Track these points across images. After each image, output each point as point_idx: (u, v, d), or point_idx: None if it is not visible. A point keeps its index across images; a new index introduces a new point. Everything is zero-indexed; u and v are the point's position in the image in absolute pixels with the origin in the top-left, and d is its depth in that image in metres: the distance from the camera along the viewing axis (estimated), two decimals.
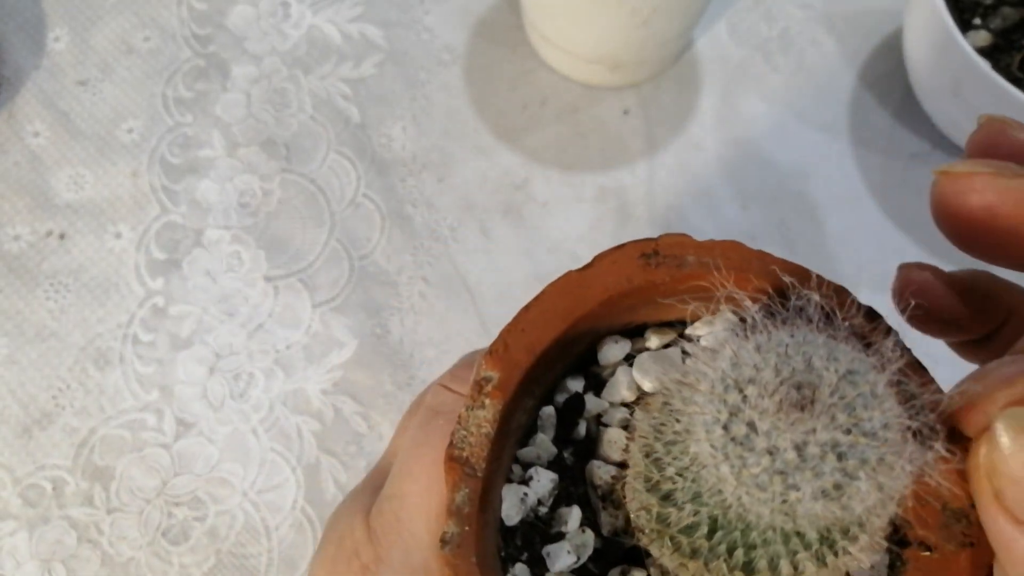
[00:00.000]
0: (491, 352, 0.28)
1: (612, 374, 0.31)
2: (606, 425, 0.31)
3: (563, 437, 0.31)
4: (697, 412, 0.22)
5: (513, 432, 0.29)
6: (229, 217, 0.53)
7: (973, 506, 0.25)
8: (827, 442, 0.20)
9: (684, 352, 0.31)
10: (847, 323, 0.23)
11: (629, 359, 0.32)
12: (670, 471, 0.24)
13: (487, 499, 0.27)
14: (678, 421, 0.23)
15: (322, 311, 0.51)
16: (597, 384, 0.32)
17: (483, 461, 0.27)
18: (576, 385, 0.31)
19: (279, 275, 0.52)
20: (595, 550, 0.29)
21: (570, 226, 0.54)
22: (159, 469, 0.48)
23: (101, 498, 0.47)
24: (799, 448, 0.20)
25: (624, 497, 0.29)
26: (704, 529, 0.23)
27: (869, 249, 0.54)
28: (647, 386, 0.30)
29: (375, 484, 0.36)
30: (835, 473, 0.20)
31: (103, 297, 0.51)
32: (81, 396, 0.49)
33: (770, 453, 0.20)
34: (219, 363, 0.50)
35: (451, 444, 0.27)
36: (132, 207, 0.53)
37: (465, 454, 0.27)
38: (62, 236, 0.53)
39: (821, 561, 0.23)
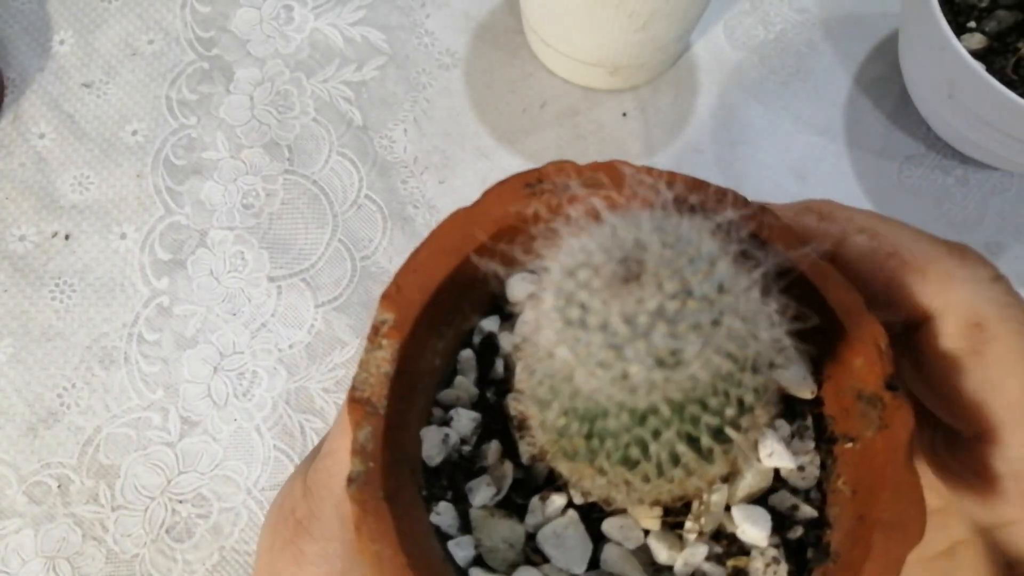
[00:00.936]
0: (385, 295, 0.28)
1: (523, 309, 0.31)
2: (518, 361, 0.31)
3: (485, 377, 0.31)
4: (541, 307, 0.22)
5: (425, 374, 0.29)
6: (233, 218, 0.54)
7: (887, 387, 0.25)
8: (655, 310, 0.19)
9: None
10: (706, 210, 0.23)
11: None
12: (537, 377, 0.24)
13: (391, 437, 0.27)
14: (532, 331, 0.23)
15: (324, 311, 0.52)
16: (512, 321, 0.32)
17: (384, 399, 0.27)
18: (491, 325, 0.32)
19: (282, 275, 0.52)
20: (516, 480, 0.29)
21: None
22: (163, 467, 0.48)
23: (106, 496, 0.48)
24: (629, 320, 0.19)
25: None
26: (574, 426, 0.23)
27: None
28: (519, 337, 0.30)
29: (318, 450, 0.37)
30: (666, 339, 0.19)
31: (108, 297, 0.52)
32: (86, 395, 0.50)
33: (602, 329, 0.20)
34: (223, 362, 0.50)
35: (352, 387, 0.27)
36: (137, 208, 0.54)
37: (366, 395, 0.27)
38: (67, 237, 0.53)
39: (692, 435, 0.22)
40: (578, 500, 0.29)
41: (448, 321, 0.30)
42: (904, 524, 0.25)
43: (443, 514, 0.28)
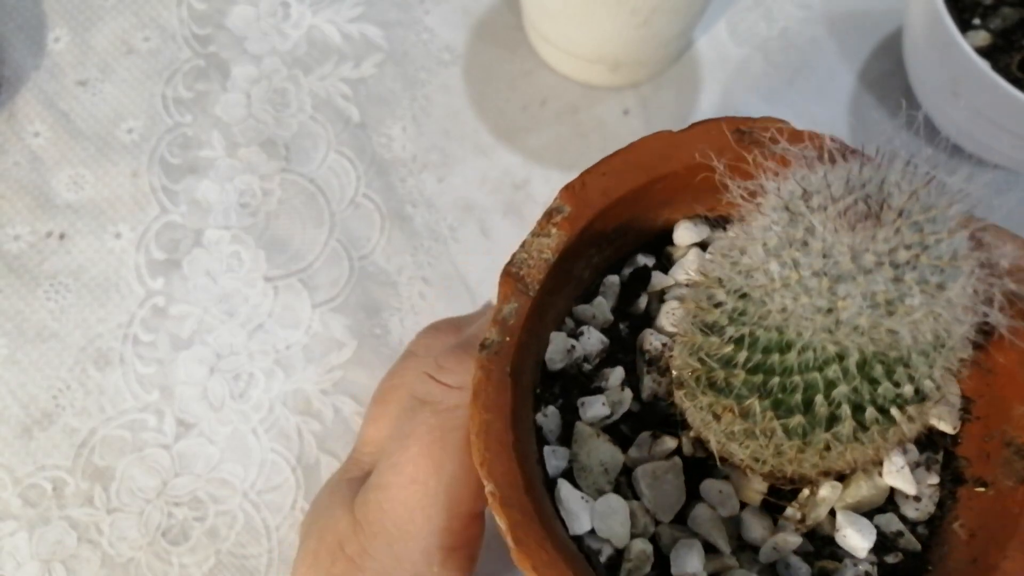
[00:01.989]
0: (568, 187, 0.28)
1: (684, 255, 0.31)
2: (666, 301, 0.30)
3: (623, 309, 0.31)
4: (757, 223, 0.20)
5: (573, 280, 0.29)
6: (229, 217, 0.53)
7: None
8: (885, 252, 0.18)
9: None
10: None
11: (704, 246, 0.31)
12: (719, 295, 0.22)
13: (532, 321, 0.27)
14: (736, 248, 0.21)
15: (322, 311, 0.51)
16: (668, 266, 0.32)
17: (537, 283, 0.27)
18: (646, 260, 0.31)
19: (279, 275, 0.52)
20: (631, 412, 0.29)
21: None
22: (159, 469, 0.48)
23: (101, 498, 0.47)
24: (855, 254, 0.18)
25: (670, 363, 0.28)
26: (744, 353, 0.21)
27: None
28: (702, 267, 0.29)
29: (351, 475, 0.36)
30: (888, 284, 0.18)
31: (103, 297, 0.51)
32: (81, 396, 0.49)
33: (824, 256, 0.19)
34: (219, 363, 0.50)
35: (510, 262, 0.27)
36: (132, 207, 0.53)
37: (521, 272, 0.27)
38: (62, 236, 0.53)
39: (859, 402, 0.20)
40: (687, 450, 0.28)
41: (610, 239, 0.30)
42: None
43: (549, 417, 0.28)
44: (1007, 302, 0.19)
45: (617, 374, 0.29)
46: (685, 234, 0.31)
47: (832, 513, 0.28)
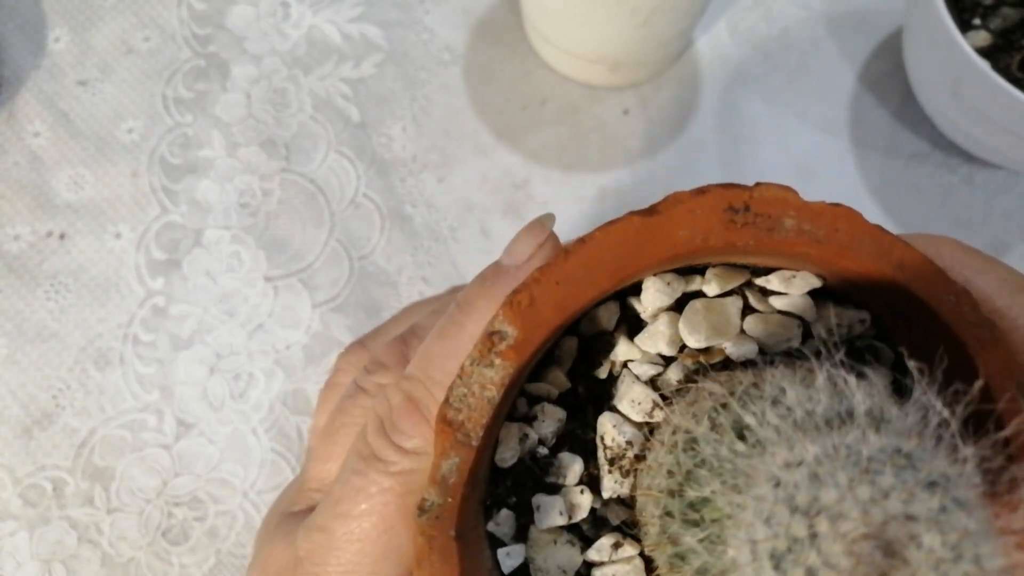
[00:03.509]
0: (513, 303, 0.22)
1: (654, 318, 0.26)
2: (635, 377, 0.26)
3: (582, 371, 0.26)
4: (745, 519, 0.17)
5: (522, 381, 0.25)
6: (229, 217, 0.53)
7: None
8: None
9: (746, 307, 0.25)
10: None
11: (679, 303, 0.26)
12: (693, 541, 0.20)
13: (477, 469, 0.24)
14: (715, 504, 0.19)
15: (322, 311, 0.51)
16: (632, 321, 0.27)
17: (480, 428, 0.23)
18: (608, 317, 0.26)
19: (279, 275, 0.52)
20: (593, 510, 0.26)
21: (570, 226, 0.54)
22: (159, 469, 0.48)
23: (101, 498, 0.47)
24: None
25: (634, 474, 0.25)
26: None
27: None
28: (692, 343, 0.25)
29: (295, 509, 0.35)
30: None
31: (103, 297, 0.51)
32: (81, 396, 0.49)
33: None
34: (219, 363, 0.50)
35: (446, 401, 0.23)
36: (132, 207, 0.53)
37: (461, 417, 0.23)
38: (62, 236, 0.53)
39: None
40: (649, 552, 0.26)
41: (556, 342, 0.25)
42: None
43: (502, 524, 0.26)
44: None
45: (575, 471, 0.26)
46: (655, 297, 0.26)
47: None
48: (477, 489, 0.25)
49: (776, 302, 0.26)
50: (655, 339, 0.26)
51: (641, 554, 0.26)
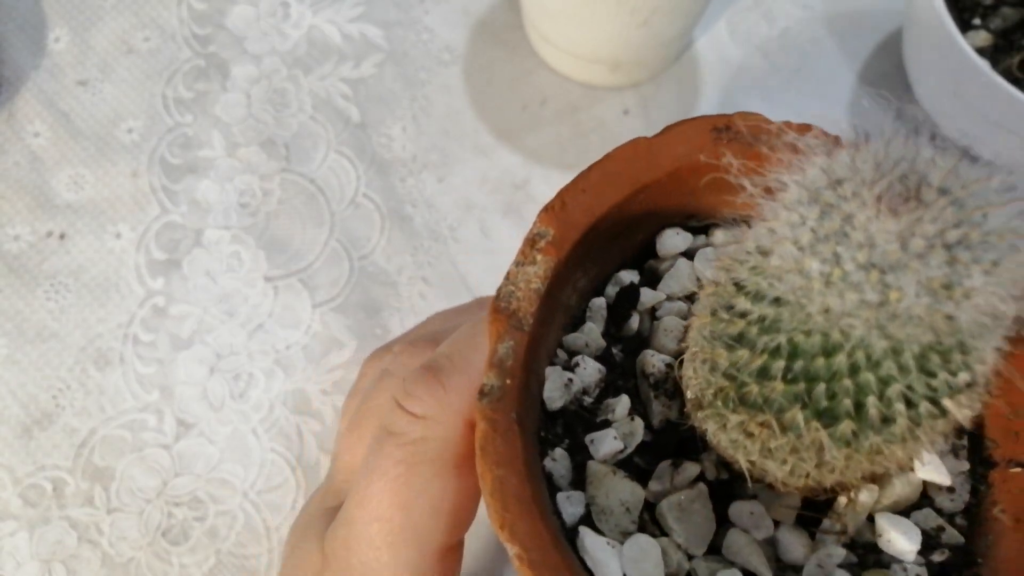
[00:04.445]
0: (548, 208, 0.26)
1: (671, 267, 0.29)
2: (660, 318, 0.29)
3: (613, 332, 0.29)
4: (782, 218, 0.18)
5: (561, 309, 0.27)
6: (229, 217, 0.53)
7: None
8: (935, 234, 0.17)
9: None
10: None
11: (690, 255, 0.30)
12: (742, 304, 0.20)
13: (531, 357, 0.25)
14: (755, 251, 0.20)
15: (322, 311, 0.51)
16: (653, 279, 0.30)
17: (531, 316, 0.25)
18: (631, 276, 0.29)
19: (279, 275, 0.52)
20: (643, 443, 0.27)
21: None
22: (159, 469, 0.48)
23: (101, 498, 0.47)
24: (904, 241, 0.17)
25: (681, 381, 0.26)
26: (781, 363, 0.20)
27: None
28: (709, 275, 0.27)
29: (328, 504, 0.35)
30: (944, 267, 0.17)
31: (103, 297, 0.51)
32: (81, 396, 0.49)
33: (869, 246, 0.17)
34: (219, 363, 0.50)
35: (497, 297, 0.25)
36: (132, 207, 0.53)
37: (512, 307, 0.25)
38: (62, 236, 0.53)
39: (915, 402, 0.19)
40: (710, 474, 0.27)
41: (595, 258, 0.28)
42: None
43: (558, 461, 0.26)
44: None
45: (623, 404, 0.27)
46: (670, 243, 0.29)
47: (870, 518, 0.26)
48: (533, 393, 0.26)
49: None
50: (677, 278, 0.28)
51: (703, 479, 0.26)
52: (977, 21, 0.51)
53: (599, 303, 0.29)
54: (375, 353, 0.44)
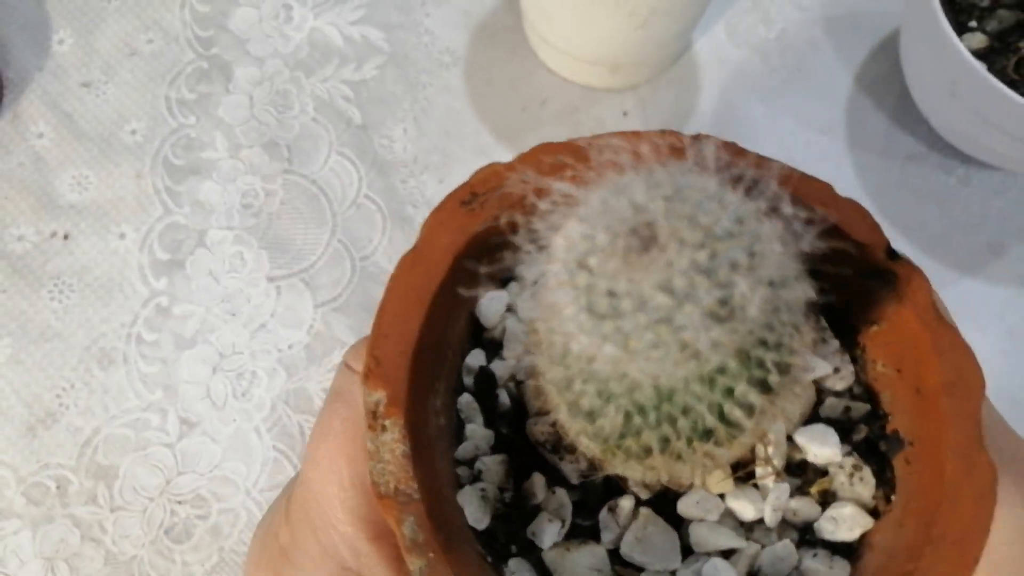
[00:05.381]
0: (367, 373, 0.25)
1: (503, 330, 0.29)
2: (524, 382, 0.29)
3: (491, 416, 0.29)
4: (561, 309, 0.19)
5: (436, 439, 0.27)
6: (232, 218, 0.53)
7: (890, 256, 0.24)
8: (688, 267, 0.17)
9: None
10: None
11: (513, 308, 0.30)
12: (576, 389, 0.21)
13: (437, 516, 0.25)
14: (553, 331, 0.21)
15: (324, 311, 0.52)
16: (496, 348, 0.30)
17: (412, 481, 0.24)
18: (477, 359, 0.29)
19: (281, 275, 0.52)
20: (574, 503, 0.27)
21: None
22: (162, 468, 0.48)
23: (104, 497, 0.48)
24: (665, 287, 0.18)
25: (565, 435, 0.26)
26: (636, 420, 0.21)
27: None
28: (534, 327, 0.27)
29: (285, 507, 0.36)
30: (712, 292, 0.18)
31: (107, 297, 0.52)
32: (85, 396, 0.50)
33: (642, 309, 0.18)
34: (222, 363, 0.50)
35: (373, 483, 0.24)
36: (135, 208, 0.54)
37: (392, 485, 0.24)
38: (66, 237, 0.53)
39: (759, 385, 0.20)
40: (644, 495, 0.27)
41: (436, 373, 0.28)
42: (965, 378, 0.24)
43: (517, 572, 0.26)
44: (804, 220, 0.19)
45: (539, 483, 0.27)
46: (491, 310, 0.29)
47: (791, 440, 0.28)
48: (458, 536, 0.26)
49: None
50: (515, 339, 0.29)
51: (641, 503, 0.27)
52: (973, 23, 0.51)
53: (466, 400, 0.28)
54: (355, 346, 0.45)
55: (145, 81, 0.57)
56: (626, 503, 0.27)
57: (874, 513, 0.27)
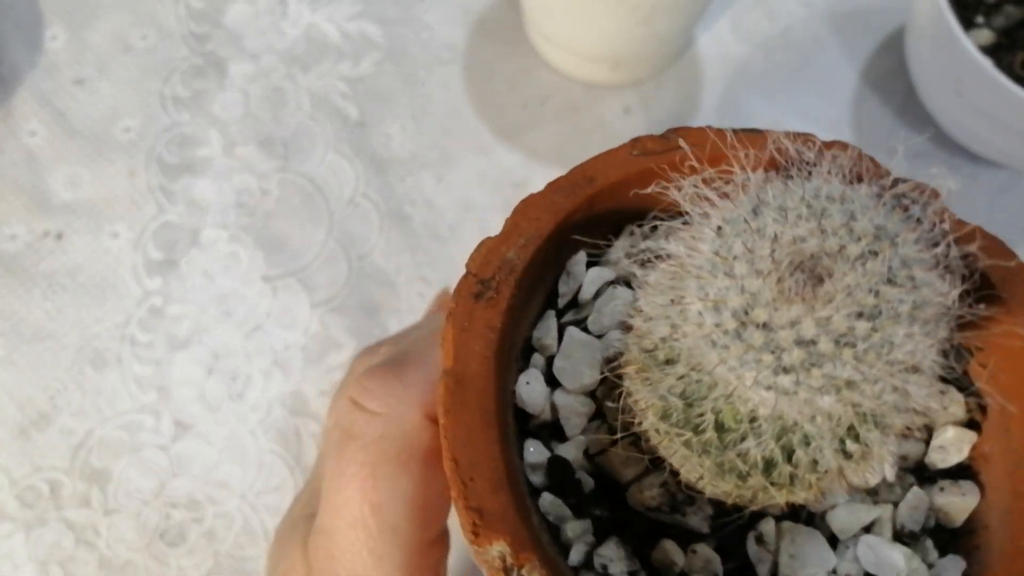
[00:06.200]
0: (475, 532, 0.23)
1: (552, 412, 0.27)
2: (597, 454, 0.27)
3: (577, 502, 0.27)
4: (686, 308, 0.19)
5: (555, 557, 0.25)
6: (227, 216, 0.53)
7: None
8: (851, 313, 0.17)
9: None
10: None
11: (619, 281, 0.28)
12: (709, 433, 0.21)
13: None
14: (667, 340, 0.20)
15: (320, 312, 0.51)
16: (549, 432, 0.28)
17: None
18: (538, 453, 0.27)
19: (277, 275, 0.51)
20: (716, 550, 0.26)
21: None
22: (157, 471, 0.48)
23: (98, 500, 0.47)
24: (828, 331, 0.17)
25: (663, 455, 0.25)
26: (777, 453, 0.21)
27: None
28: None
29: (309, 512, 0.35)
30: (847, 367, 0.17)
31: (100, 297, 0.51)
32: (78, 397, 0.49)
33: (774, 349, 0.17)
34: (217, 364, 0.49)
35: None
36: (129, 206, 0.53)
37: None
38: (59, 236, 0.52)
39: (843, 448, 0.20)
40: (776, 512, 0.27)
41: (524, 490, 0.26)
42: None
43: None
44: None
45: (672, 548, 0.26)
46: (533, 393, 0.27)
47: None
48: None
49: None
50: (572, 418, 0.27)
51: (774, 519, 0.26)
52: (980, 19, 0.50)
53: (549, 500, 0.26)
54: (364, 352, 0.44)
55: (139, 78, 0.56)
56: (768, 527, 0.26)
57: (974, 426, 0.27)
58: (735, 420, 0.20)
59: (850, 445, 0.20)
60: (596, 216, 0.27)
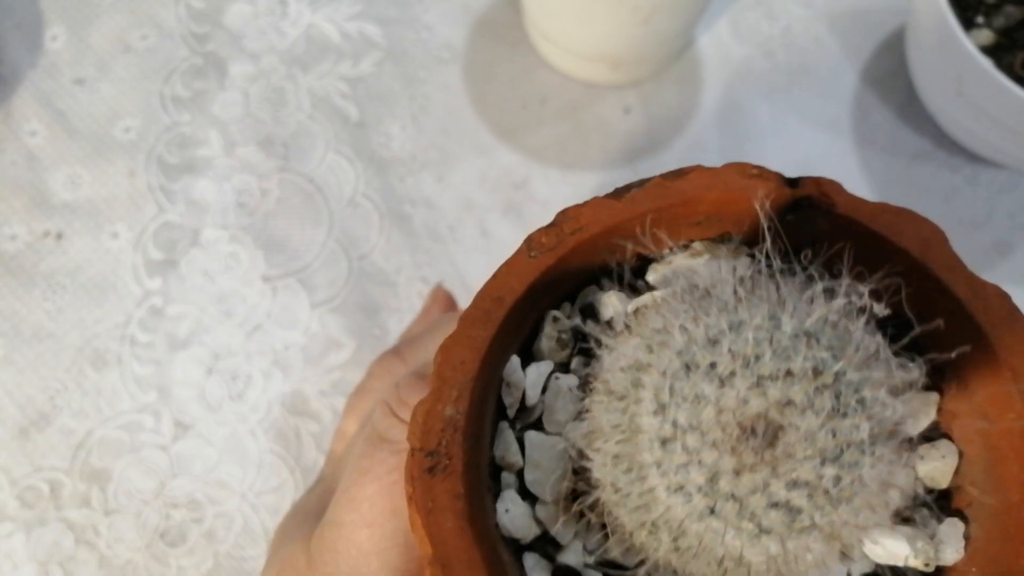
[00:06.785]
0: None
1: (539, 532, 0.27)
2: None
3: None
4: (642, 437, 0.19)
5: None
6: (227, 217, 0.53)
7: None
8: (810, 484, 0.18)
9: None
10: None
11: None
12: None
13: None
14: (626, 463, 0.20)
15: (320, 312, 0.51)
16: (545, 546, 0.27)
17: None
18: (543, 568, 0.26)
19: (277, 275, 0.51)
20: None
21: None
22: (157, 471, 0.48)
23: (99, 500, 0.47)
24: (782, 504, 0.18)
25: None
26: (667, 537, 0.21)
27: None
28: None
29: (318, 507, 0.34)
30: (827, 514, 0.18)
31: (100, 297, 0.51)
32: (78, 397, 0.49)
33: (750, 519, 0.18)
34: (217, 364, 0.49)
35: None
36: (129, 207, 0.53)
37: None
38: (59, 236, 0.52)
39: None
40: None
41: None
42: None
43: None
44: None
45: None
46: (516, 521, 0.26)
47: None
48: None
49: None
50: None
51: None
52: (980, 19, 0.50)
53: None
54: (384, 355, 0.44)
55: (139, 78, 0.56)
56: None
57: (934, 388, 0.27)
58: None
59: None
60: (518, 327, 0.27)
